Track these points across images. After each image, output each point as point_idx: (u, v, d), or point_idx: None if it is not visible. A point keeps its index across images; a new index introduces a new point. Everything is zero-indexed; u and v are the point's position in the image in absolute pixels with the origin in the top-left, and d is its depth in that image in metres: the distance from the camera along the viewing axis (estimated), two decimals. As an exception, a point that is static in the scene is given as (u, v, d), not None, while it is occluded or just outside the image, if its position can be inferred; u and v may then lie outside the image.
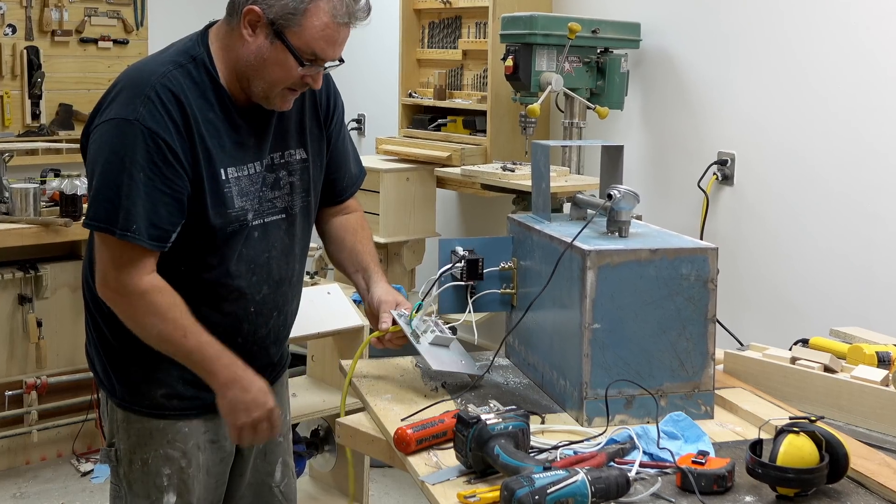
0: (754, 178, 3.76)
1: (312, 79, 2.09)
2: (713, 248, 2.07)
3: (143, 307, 2.04)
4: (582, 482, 1.62)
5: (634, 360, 2.03)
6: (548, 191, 2.33)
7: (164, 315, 2.04)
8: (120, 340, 2.18)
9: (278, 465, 2.45)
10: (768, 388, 2.22)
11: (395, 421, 2.03)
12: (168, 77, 2.03)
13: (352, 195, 2.45)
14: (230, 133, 2.10)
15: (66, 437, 4.44)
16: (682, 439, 1.91)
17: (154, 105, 1.99)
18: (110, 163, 2.00)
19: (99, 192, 2.01)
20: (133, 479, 2.23)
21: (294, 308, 2.37)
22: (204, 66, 2.08)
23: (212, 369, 2.08)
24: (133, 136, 1.98)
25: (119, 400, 2.22)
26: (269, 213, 2.19)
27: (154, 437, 2.21)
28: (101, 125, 2.03)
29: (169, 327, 2.05)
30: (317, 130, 2.29)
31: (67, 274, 4.27)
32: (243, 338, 2.22)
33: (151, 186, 1.99)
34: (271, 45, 2.04)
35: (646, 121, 4.15)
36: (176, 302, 2.06)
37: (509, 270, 2.35)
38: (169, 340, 2.06)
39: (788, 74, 3.62)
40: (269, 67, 2.05)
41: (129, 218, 1.99)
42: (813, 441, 1.71)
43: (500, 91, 4.20)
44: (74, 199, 4.15)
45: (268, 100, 2.10)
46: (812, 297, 3.57)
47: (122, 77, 2.10)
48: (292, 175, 2.23)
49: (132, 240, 1.99)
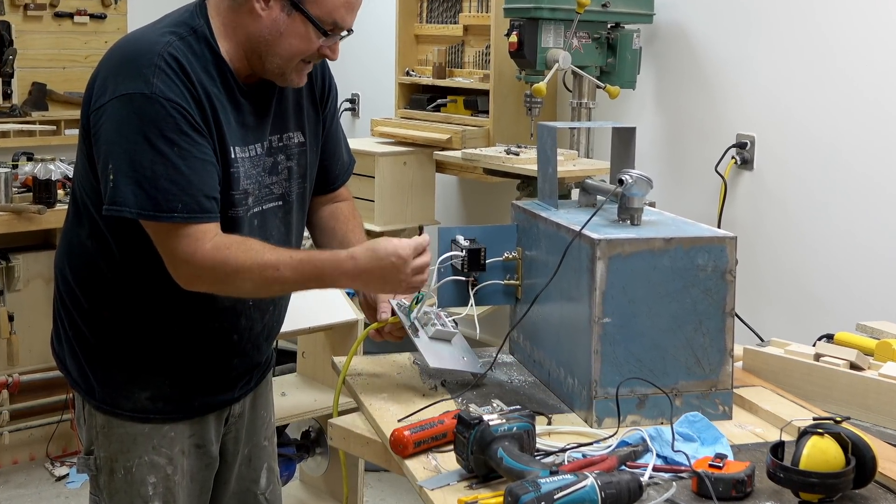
0: (775, 162, 3.75)
1: (331, 49, 2.12)
2: (731, 237, 2.07)
3: (223, 275, 2.03)
4: (591, 487, 1.61)
5: (647, 357, 2.03)
6: (555, 176, 2.32)
7: (248, 269, 2.03)
8: (101, 339, 2.17)
9: (263, 471, 2.46)
10: (790, 386, 2.22)
11: (392, 422, 2.03)
12: (173, 46, 2.01)
13: (343, 183, 2.46)
14: (233, 111, 2.10)
15: (39, 439, 4.44)
16: (699, 441, 1.91)
17: (167, 75, 1.98)
18: (135, 143, 1.96)
19: (130, 177, 1.97)
20: (115, 489, 2.21)
21: (287, 302, 2.38)
22: (205, 40, 2.07)
23: (329, 277, 2.10)
24: (154, 111, 1.96)
25: (98, 403, 2.19)
26: (267, 199, 2.19)
27: (138, 442, 2.19)
28: (111, 103, 1.99)
29: (258, 276, 2.04)
30: (313, 113, 2.30)
31: (41, 264, 4.27)
32: (239, 334, 2.23)
33: (190, 157, 1.98)
34: (288, 17, 2.05)
35: (659, 101, 4.14)
36: (248, 247, 2.04)
37: (513, 261, 2.35)
38: (270, 285, 2.08)
39: (812, 50, 3.61)
40: (286, 40, 2.06)
41: (170, 198, 1.97)
42: (838, 443, 1.71)
43: (503, 69, 4.20)
44: (48, 184, 4.15)
45: (283, 75, 2.11)
46: (837, 290, 3.57)
47: (119, 49, 2.07)
48: (290, 159, 2.23)
49: (182, 219, 1.98)
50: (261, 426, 2.44)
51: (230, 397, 2.29)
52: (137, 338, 2.15)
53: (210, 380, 2.22)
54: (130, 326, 2.15)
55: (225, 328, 2.19)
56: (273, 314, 2.31)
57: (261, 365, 2.36)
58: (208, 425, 2.25)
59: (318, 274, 2.10)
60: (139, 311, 2.14)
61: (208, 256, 2.01)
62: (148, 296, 2.12)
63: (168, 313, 2.14)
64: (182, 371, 2.17)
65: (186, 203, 1.97)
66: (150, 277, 2.09)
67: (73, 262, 2.18)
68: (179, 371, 2.17)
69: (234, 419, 2.34)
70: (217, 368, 2.22)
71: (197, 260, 2.00)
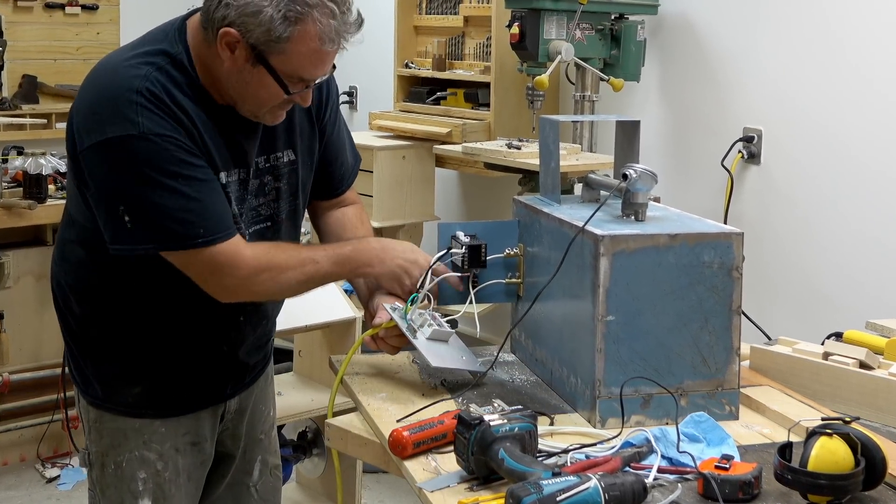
0: (783, 156, 3.75)
1: (301, 97, 2.08)
2: (738, 233, 2.07)
3: (271, 276, 2.09)
4: (594, 489, 1.61)
5: (652, 356, 2.03)
6: (557, 170, 2.32)
7: (292, 266, 2.12)
8: (93, 335, 2.19)
9: (256, 464, 2.48)
10: (798, 386, 2.22)
11: (391, 422, 2.02)
12: (150, 79, 1.98)
13: (349, 187, 2.45)
14: (216, 136, 2.08)
15: (30, 439, 4.44)
16: (705, 442, 1.91)
17: (150, 110, 1.96)
18: (138, 185, 1.96)
19: (144, 218, 1.98)
20: (106, 483, 2.24)
21: (278, 312, 2.41)
22: (183, 67, 2.03)
23: (355, 260, 2.22)
24: (148, 149, 1.95)
25: (92, 398, 2.23)
26: (255, 221, 2.19)
27: (129, 437, 2.21)
28: (99, 146, 1.97)
29: (301, 272, 2.13)
30: (308, 127, 2.27)
31: (31, 261, 4.27)
32: (229, 345, 2.25)
33: (196, 182, 1.99)
34: (253, 69, 2.00)
35: (664, 94, 4.14)
36: (281, 247, 2.14)
37: (515, 257, 2.35)
38: (310, 279, 2.16)
39: (822, 41, 3.61)
40: (252, 90, 2.03)
41: (189, 228, 1.98)
42: (847, 444, 1.71)
43: (504, 61, 4.19)
44: (39, 179, 4.14)
45: (256, 117, 2.10)
46: (846, 287, 3.57)
47: (96, 84, 2.04)
48: (279, 180, 2.22)
49: (205, 243, 2.00)
50: (258, 420, 2.46)
51: (222, 395, 2.30)
52: (128, 341, 2.18)
53: (200, 380, 2.24)
54: (119, 332, 2.18)
55: (214, 340, 2.22)
56: (265, 327, 2.34)
57: (254, 365, 2.37)
58: (203, 422, 2.27)
59: (347, 258, 2.20)
60: (127, 319, 2.16)
61: (252, 261, 2.05)
62: (136, 307, 2.15)
63: (157, 323, 2.16)
64: (172, 371, 2.20)
65: (208, 227, 2.00)
66: (138, 289, 2.12)
67: (65, 268, 2.22)
68: (170, 371, 2.19)
69: (230, 415, 2.35)
70: (207, 371, 2.24)
71: (243, 268, 2.04)
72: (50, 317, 2.37)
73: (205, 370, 2.23)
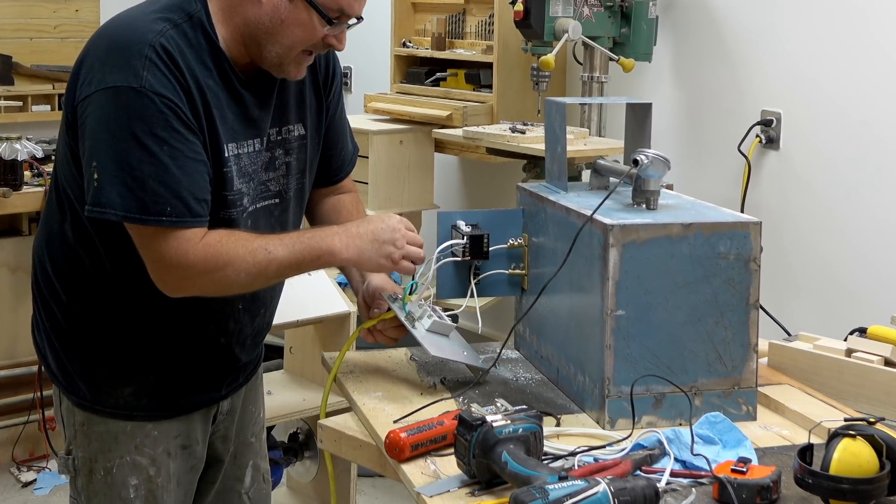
0: (803, 140, 3.75)
1: (336, 38, 2.11)
2: (756, 223, 2.07)
3: (215, 269, 2.04)
4: (603, 494, 1.62)
5: (664, 353, 2.03)
6: (564, 156, 2.32)
7: (240, 257, 2.05)
8: (80, 333, 2.19)
9: (248, 469, 2.48)
10: (820, 384, 2.22)
11: (387, 423, 2.03)
12: (165, 36, 2.01)
13: (347, 174, 2.47)
14: (231, 104, 2.10)
15: (4, 441, 4.44)
16: (720, 444, 1.91)
17: (158, 68, 1.98)
18: (122, 140, 1.97)
19: (115, 176, 1.97)
20: (94, 491, 2.23)
21: (277, 303, 2.41)
22: (201, 27, 2.07)
23: (318, 248, 2.12)
24: (143, 106, 1.96)
25: (79, 399, 2.21)
26: (263, 196, 2.20)
27: (120, 441, 2.21)
28: (97, 94, 1.99)
29: (251, 262, 2.06)
30: (315, 102, 2.30)
31: (6, 252, 4.27)
32: (227, 337, 2.25)
33: (181, 156, 1.99)
34: (290, 3, 2.04)
35: (677, 74, 4.14)
36: (236, 237, 2.06)
37: (519, 248, 2.35)
38: (264, 270, 2.08)
39: (844, 19, 3.61)
40: (287, 29, 2.06)
41: (158, 200, 1.98)
42: (872, 446, 1.71)
43: (508, 40, 4.19)
44: (14, 165, 4.14)
45: (281, 66, 2.11)
46: (871, 279, 3.57)
47: (108, 35, 2.07)
48: (289, 154, 2.24)
49: (170, 224, 1.99)
50: (249, 422, 2.46)
51: (217, 395, 2.31)
52: (119, 335, 2.17)
53: (196, 378, 2.24)
54: (112, 323, 2.17)
55: (212, 331, 2.21)
56: (264, 317, 2.34)
57: (249, 363, 2.38)
58: (195, 425, 2.27)
59: (309, 245, 2.12)
60: (121, 308, 2.16)
61: (199, 254, 2.03)
62: (131, 293, 2.14)
63: (153, 313, 2.15)
64: (167, 368, 2.19)
65: (175, 206, 1.99)
66: (133, 274, 2.10)
67: (53, 252, 2.20)
68: (165, 367, 2.18)
69: (222, 417, 2.36)
70: (203, 368, 2.24)
71: (189, 261, 2.02)
72: (26, 311, 2.36)
73: (201, 366, 2.23)
